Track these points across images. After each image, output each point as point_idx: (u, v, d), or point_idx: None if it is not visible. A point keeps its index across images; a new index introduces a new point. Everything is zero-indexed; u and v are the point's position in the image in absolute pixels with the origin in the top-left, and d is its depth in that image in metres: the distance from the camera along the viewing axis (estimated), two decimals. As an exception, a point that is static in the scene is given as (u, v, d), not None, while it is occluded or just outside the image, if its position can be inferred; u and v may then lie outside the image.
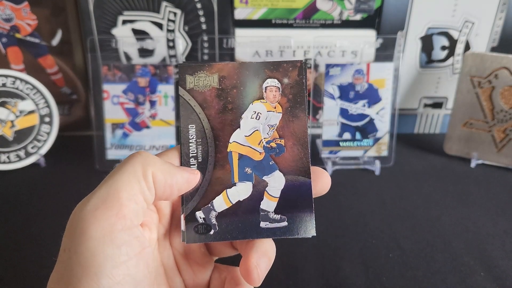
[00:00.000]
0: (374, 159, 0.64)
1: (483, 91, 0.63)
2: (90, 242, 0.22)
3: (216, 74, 0.30)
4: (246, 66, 0.30)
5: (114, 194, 0.24)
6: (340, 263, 0.46)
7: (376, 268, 0.45)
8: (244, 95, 0.30)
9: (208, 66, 0.30)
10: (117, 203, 0.24)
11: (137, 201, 0.25)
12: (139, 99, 0.61)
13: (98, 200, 0.24)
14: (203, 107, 0.29)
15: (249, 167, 0.29)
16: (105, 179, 0.25)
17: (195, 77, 0.30)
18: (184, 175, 0.28)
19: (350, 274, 0.44)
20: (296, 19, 0.66)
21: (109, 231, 0.23)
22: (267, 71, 0.30)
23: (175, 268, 0.30)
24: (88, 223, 0.23)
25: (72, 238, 0.23)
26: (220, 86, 0.30)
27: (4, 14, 0.63)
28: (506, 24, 0.68)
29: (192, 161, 0.29)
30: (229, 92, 0.30)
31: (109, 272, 0.22)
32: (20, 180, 0.61)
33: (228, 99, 0.30)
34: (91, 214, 0.23)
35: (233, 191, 0.29)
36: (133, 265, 0.24)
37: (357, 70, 0.61)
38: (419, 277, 0.44)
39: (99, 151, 0.62)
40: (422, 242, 0.49)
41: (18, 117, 0.62)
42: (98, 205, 0.24)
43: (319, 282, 0.43)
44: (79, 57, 0.68)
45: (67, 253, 0.23)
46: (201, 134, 0.29)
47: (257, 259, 0.27)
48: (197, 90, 0.30)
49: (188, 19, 0.65)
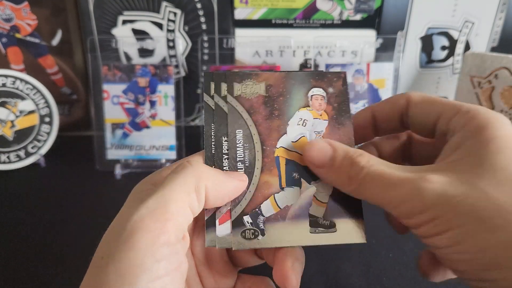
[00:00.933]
0: (374, 159, 0.64)
1: (483, 91, 0.63)
2: (132, 253, 0.22)
3: (263, 82, 0.31)
4: (292, 76, 0.31)
5: (163, 206, 0.23)
6: (340, 263, 0.46)
7: (376, 268, 0.45)
8: (290, 103, 0.30)
9: (255, 75, 0.31)
10: (164, 216, 0.23)
11: (184, 215, 0.24)
12: (139, 99, 0.61)
13: (146, 210, 0.23)
14: (250, 113, 0.30)
15: (296, 173, 0.29)
16: (157, 190, 0.24)
17: (242, 85, 0.31)
18: (234, 183, 0.27)
19: (350, 274, 0.44)
20: (296, 19, 0.66)
21: (152, 244, 0.22)
22: (312, 81, 0.31)
23: (197, 278, 0.29)
24: (132, 233, 0.22)
25: (114, 245, 0.23)
26: (267, 94, 0.30)
27: (4, 14, 0.63)
28: (506, 24, 0.68)
29: (239, 165, 0.29)
30: (275, 100, 0.30)
31: (145, 285, 0.22)
32: (20, 180, 0.61)
33: (275, 106, 0.30)
34: (137, 225, 0.23)
35: (281, 195, 0.29)
36: (168, 281, 0.23)
37: (357, 70, 0.61)
38: (419, 277, 0.44)
39: (99, 151, 0.62)
40: (422, 242, 0.49)
41: (18, 117, 0.62)
42: (145, 215, 0.23)
43: (319, 282, 0.43)
44: (79, 57, 0.68)
45: (105, 259, 0.22)
46: (248, 139, 0.29)
47: (292, 263, 0.27)
48: (244, 97, 0.30)
49: (188, 19, 0.65)
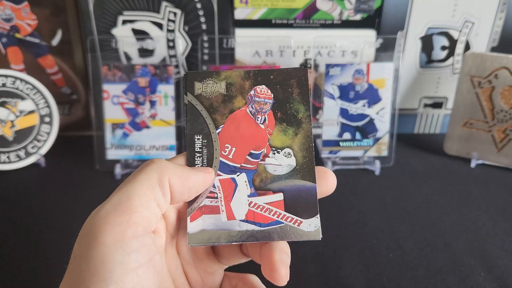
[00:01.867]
0: (374, 159, 0.64)
1: (483, 91, 0.63)
2: (100, 248, 0.22)
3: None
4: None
5: (126, 201, 0.24)
6: (340, 263, 0.46)
7: (376, 268, 0.45)
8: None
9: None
10: (128, 210, 0.24)
11: (150, 208, 0.25)
12: (139, 99, 0.61)
13: (110, 207, 0.24)
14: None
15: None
16: (119, 187, 0.25)
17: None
18: (200, 176, 0.28)
19: (350, 274, 0.44)
20: (296, 19, 0.66)
21: (120, 238, 0.23)
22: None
23: (184, 277, 0.30)
24: (99, 229, 0.23)
25: (83, 244, 0.23)
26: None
27: (4, 14, 0.63)
28: (506, 24, 0.68)
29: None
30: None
31: (118, 279, 0.22)
32: (20, 180, 0.61)
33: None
34: (103, 221, 0.23)
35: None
36: (143, 273, 0.23)
37: (357, 70, 0.61)
38: (419, 277, 0.44)
39: (99, 151, 0.62)
40: (422, 242, 0.49)
41: (18, 117, 0.62)
42: (109, 211, 0.24)
43: (319, 282, 0.43)
44: (79, 57, 0.68)
45: (77, 259, 0.23)
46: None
47: (280, 256, 0.27)
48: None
49: (188, 19, 0.65)
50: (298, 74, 0.31)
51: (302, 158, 0.30)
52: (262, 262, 0.28)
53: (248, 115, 0.30)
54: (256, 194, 0.29)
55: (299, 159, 0.29)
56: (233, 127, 0.30)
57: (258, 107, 0.30)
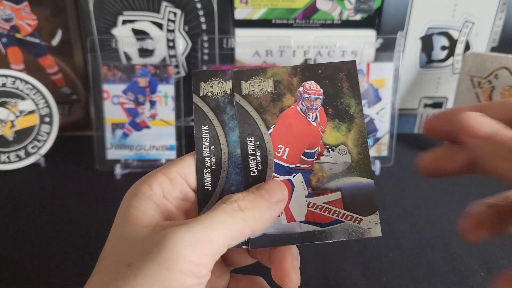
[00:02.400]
0: (374, 159, 0.64)
1: (483, 91, 0.63)
2: (165, 273, 0.21)
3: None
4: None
5: (207, 241, 0.23)
6: (340, 263, 0.46)
7: (376, 268, 0.45)
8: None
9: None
10: (205, 251, 0.23)
11: (221, 252, 0.24)
12: (139, 99, 0.61)
13: (191, 238, 0.23)
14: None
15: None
16: (202, 220, 0.24)
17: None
18: (273, 212, 0.27)
19: (350, 274, 0.44)
20: (296, 19, 0.66)
21: (186, 272, 0.22)
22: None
23: None
24: (172, 255, 0.22)
25: (146, 257, 0.22)
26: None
27: (4, 14, 0.63)
28: (506, 24, 0.68)
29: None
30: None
31: None
32: (20, 180, 0.61)
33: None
34: (178, 249, 0.22)
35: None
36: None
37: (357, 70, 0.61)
38: (419, 277, 0.44)
39: (99, 151, 0.62)
40: (422, 242, 0.49)
41: (18, 117, 0.62)
42: (188, 243, 0.22)
43: (319, 282, 0.43)
44: (79, 57, 0.68)
45: (133, 269, 0.22)
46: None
47: (292, 261, 0.27)
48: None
49: (188, 19, 0.65)
50: (346, 67, 0.30)
51: (357, 155, 0.29)
52: (273, 266, 0.27)
53: (299, 113, 0.29)
54: (314, 194, 0.28)
55: (354, 155, 0.29)
56: (285, 127, 0.29)
57: (309, 104, 0.29)
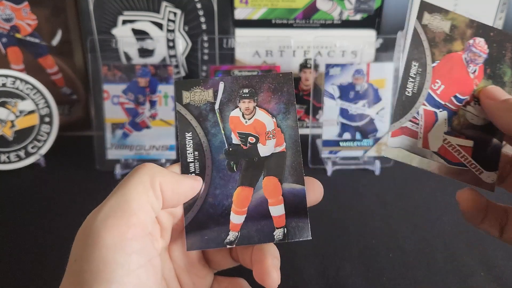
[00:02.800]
0: (374, 159, 0.64)
1: (483, 91, 0.63)
2: (102, 250, 0.23)
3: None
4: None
5: (124, 204, 0.25)
6: (340, 263, 0.46)
7: (376, 268, 0.45)
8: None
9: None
10: (126, 213, 0.24)
11: (146, 211, 0.25)
12: (139, 99, 0.61)
13: (108, 210, 0.24)
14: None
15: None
16: (114, 190, 0.26)
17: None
18: (188, 182, 0.29)
19: (350, 274, 0.44)
20: (296, 19, 0.66)
21: (120, 240, 0.23)
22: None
23: (176, 281, 0.30)
24: (100, 232, 0.23)
25: (83, 247, 0.23)
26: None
27: (4, 14, 0.63)
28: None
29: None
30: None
31: (120, 280, 0.22)
32: (20, 180, 0.61)
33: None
34: (102, 224, 0.24)
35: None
36: (143, 274, 0.24)
37: (357, 70, 0.61)
38: (419, 277, 0.44)
39: (99, 151, 0.62)
40: (422, 242, 0.49)
41: (18, 117, 0.62)
42: (108, 214, 0.24)
43: (319, 282, 0.43)
44: (79, 57, 0.68)
45: (78, 262, 0.23)
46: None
47: (272, 261, 0.28)
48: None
49: (188, 19, 0.65)
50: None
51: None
52: (254, 267, 0.28)
53: (462, 62, 0.32)
54: (452, 133, 0.31)
55: None
56: (447, 67, 0.32)
57: (473, 57, 0.32)
